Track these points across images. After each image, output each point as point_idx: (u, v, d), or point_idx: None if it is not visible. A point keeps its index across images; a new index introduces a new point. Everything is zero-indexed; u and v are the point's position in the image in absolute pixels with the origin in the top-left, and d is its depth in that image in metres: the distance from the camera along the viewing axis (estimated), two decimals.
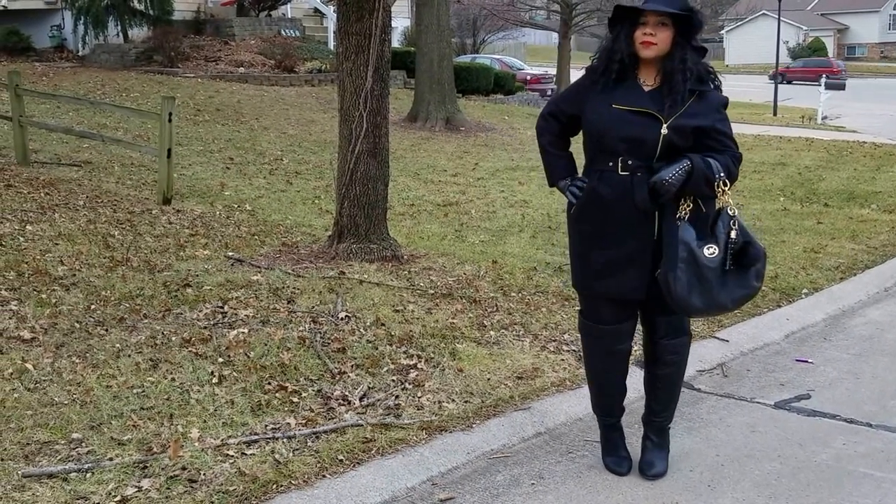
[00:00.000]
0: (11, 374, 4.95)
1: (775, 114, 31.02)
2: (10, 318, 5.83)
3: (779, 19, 37.05)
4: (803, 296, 7.41)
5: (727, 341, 6.24)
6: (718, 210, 3.88)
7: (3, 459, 4.04)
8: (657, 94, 3.88)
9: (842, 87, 29.77)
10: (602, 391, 4.34)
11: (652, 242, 3.92)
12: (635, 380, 5.25)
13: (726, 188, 3.85)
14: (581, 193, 4.04)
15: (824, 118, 28.08)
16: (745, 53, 69.90)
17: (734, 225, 3.86)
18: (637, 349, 4.86)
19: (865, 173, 15.02)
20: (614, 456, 4.35)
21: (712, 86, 3.93)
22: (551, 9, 44.43)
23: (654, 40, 3.81)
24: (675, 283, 3.77)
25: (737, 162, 3.93)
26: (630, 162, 3.87)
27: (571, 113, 4.10)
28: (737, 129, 4.07)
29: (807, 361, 6.01)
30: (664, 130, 3.81)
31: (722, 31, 75.43)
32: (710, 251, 3.80)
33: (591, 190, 4.00)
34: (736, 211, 3.90)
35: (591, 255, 4.05)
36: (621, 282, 3.99)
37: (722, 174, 3.83)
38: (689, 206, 3.86)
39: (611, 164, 3.93)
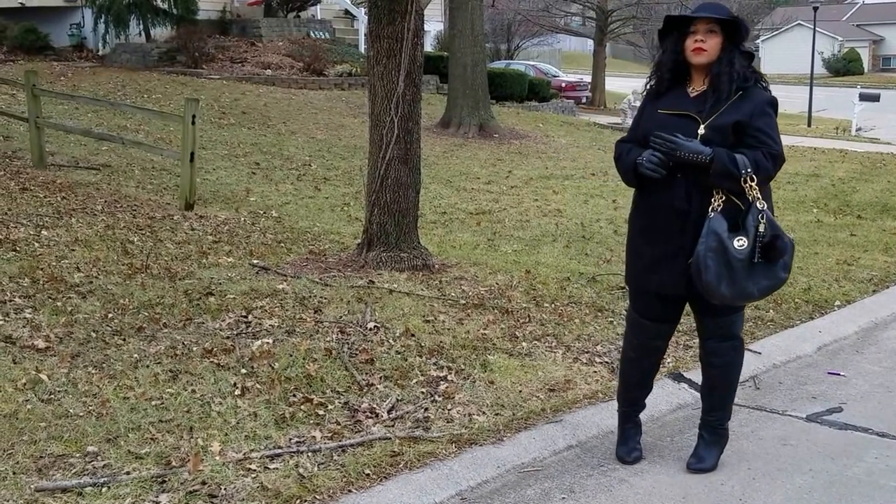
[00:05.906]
0: (25, 384, 4.84)
1: (809, 125, 30.96)
2: (24, 327, 5.73)
3: (814, 30, 36.91)
4: (836, 308, 7.34)
5: (759, 353, 6.16)
6: (750, 204, 4.03)
7: (15, 473, 3.94)
8: (702, 97, 4.10)
9: (876, 99, 29.66)
10: (625, 379, 4.58)
11: (690, 240, 4.09)
12: (667, 391, 5.34)
13: (753, 183, 3.98)
14: (650, 162, 4.06)
15: (858, 130, 28.00)
16: (780, 63, 69.62)
17: (762, 219, 4.01)
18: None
19: None
20: (625, 446, 4.56)
21: (759, 86, 4.12)
22: (587, 15, 44.44)
23: (704, 46, 4.04)
24: (705, 270, 3.97)
25: (770, 158, 4.02)
26: (671, 163, 4.06)
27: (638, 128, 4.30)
28: None
29: (839, 374, 5.96)
30: (701, 130, 4.02)
31: (758, 41, 75.22)
32: (740, 243, 3.99)
33: (644, 190, 4.22)
34: (765, 205, 4.03)
35: (639, 251, 4.29)
36: (663, 278, 4.19)
37: (749, 170, 3.96)
38: (722, 197, 4.03)
39: None
